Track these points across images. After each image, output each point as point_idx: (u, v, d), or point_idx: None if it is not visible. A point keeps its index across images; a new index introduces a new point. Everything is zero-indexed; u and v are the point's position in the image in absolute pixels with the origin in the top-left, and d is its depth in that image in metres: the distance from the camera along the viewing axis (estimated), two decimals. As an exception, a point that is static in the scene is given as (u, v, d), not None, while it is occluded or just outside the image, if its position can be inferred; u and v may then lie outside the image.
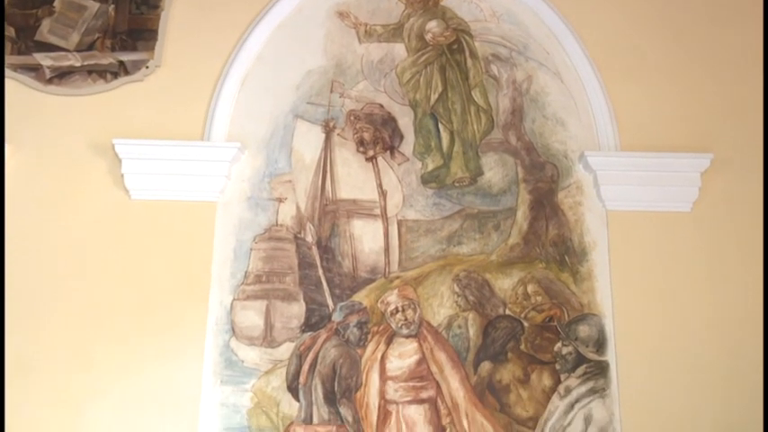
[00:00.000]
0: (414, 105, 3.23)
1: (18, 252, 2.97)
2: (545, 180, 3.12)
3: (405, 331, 2.92)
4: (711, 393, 2.84)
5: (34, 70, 3.21)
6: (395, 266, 3.02)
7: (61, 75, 3.22)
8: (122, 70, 3.22)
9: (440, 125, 3.20)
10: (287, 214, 3.09)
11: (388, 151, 3.17)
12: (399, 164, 3.16)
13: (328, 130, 3.19)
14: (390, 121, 3.20)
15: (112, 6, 3.31)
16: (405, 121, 3.20)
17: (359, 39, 3.31)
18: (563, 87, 3.22)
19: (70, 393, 2.84)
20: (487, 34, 3.31)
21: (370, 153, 3.16)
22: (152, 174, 3.03)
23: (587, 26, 3.26)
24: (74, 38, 3.27)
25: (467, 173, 3.14)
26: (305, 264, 3.02)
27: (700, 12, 3.29)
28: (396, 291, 2.97)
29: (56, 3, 3.31)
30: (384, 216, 3.08)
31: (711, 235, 3.02)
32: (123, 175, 3.04)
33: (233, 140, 3.10)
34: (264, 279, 3.00)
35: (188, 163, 3.03)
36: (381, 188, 3.12)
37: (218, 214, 3.06)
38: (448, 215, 3.08)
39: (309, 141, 3.18)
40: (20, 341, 2.88)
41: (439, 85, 3.24)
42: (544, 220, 3.07)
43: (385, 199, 3.11)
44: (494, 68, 3.27)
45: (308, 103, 3.22)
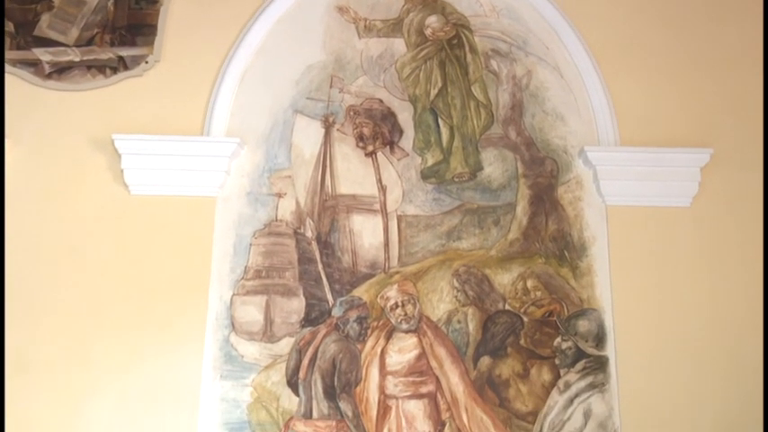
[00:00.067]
0: (413, 100, 3.22)
1: (17, 247, 2.97)
2: (545, 175, 3.12)
3: (404, 326, 2.92)
4: (711, 387, 2.84)
5: (33, 65, 3.21)
6: (394, 262, 3.02)
7: (60, 70, 3.21)
8: (122, 65, 3.22)
9: (439, 120, 3.20)
10: (286, 209, 3.08)
11: (388, 146, 3.16)
12: (399, 159, 3.15)
13: (328, 126, 3.19)
14: (390, 117, 3.20)
15: (111, 1, 3.30)
16: (404, 117, 3.19)
17: (358, 34, 3.30)
18: (563, 82, 3.22)
19: (70, 388, 2.84)
20: (487, 29, 3.31)
21: (369, 148, 3.15)
22: (151, 169, 3.03)
23: (587, 21, 3.25)
24: (73, 33, 3.26)
25: (466, 168, 3.14)
26: (304, 259, 3.02)
27: (700, 6, 3.29)
28: (395, 286, 2.97)
29: (55, -2, 3.31)
30: (384, 211, 3.08)
31: (711, 230, 3.02)
32: (123, 171, 3.03)
33: (232, 136, 3.10)
34: (264, 274, 3.00)
35: (187, 158, 3.03)
36: (381, 183, 3.11)
37: (217, 209, 3.05)
38: (447, 210, 3.08)
39: (309, 136, 3.17)
40: (19, 336, 2.88)
41: (438, 81, 3.23)
42: (544, 216, 3.07)
43: (385, 194, 3.10)
44: (493, 63, 3.27)
45: (308, 99, 3.21)
